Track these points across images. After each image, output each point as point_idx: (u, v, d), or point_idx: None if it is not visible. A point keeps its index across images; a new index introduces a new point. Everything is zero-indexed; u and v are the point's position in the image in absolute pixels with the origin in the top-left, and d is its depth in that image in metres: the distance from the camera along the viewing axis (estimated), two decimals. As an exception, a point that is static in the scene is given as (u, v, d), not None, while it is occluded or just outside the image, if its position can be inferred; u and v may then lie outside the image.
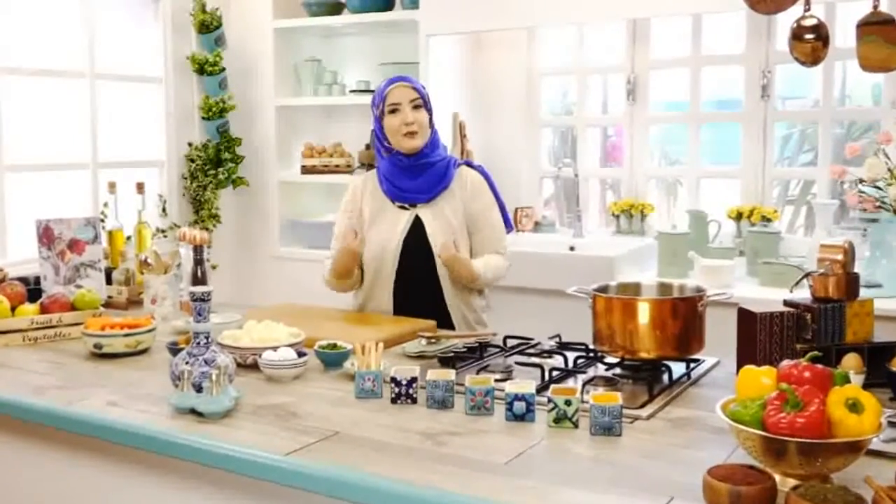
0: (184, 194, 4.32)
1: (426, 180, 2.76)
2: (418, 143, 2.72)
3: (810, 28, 2.14)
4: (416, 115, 2.71)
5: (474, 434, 1.72)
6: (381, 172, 2.83)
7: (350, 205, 2.89)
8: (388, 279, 2.77)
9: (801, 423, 1.36)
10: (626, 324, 2.06)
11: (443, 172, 2.77)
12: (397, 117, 2.70)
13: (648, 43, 4.07)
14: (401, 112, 2.70)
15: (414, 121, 2.70)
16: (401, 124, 2.70)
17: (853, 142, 3.72)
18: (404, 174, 2.76)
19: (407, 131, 2.70)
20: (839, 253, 2.00)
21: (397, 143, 2.74)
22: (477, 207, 2.78)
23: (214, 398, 1.83)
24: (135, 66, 4.17)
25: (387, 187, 2.80)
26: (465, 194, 2.78)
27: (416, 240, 2.74)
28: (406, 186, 2.77)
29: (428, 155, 2.76)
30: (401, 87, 2.73)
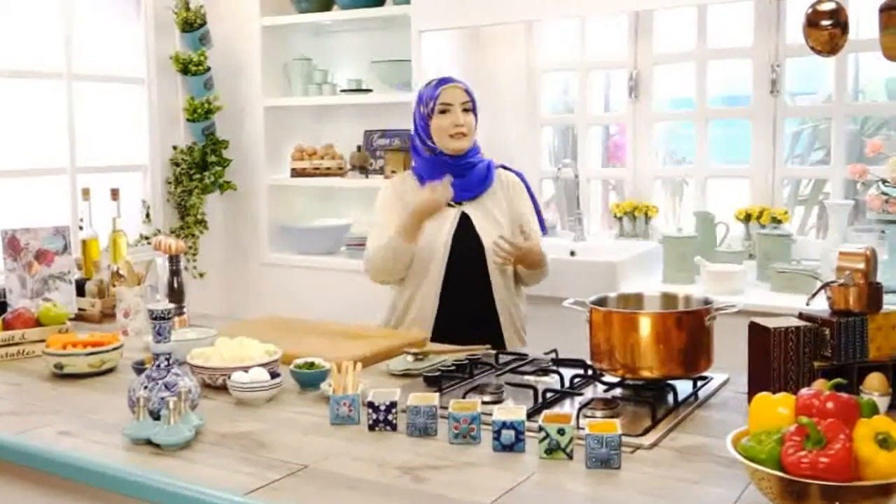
0: (168, 199, 4.16)
1: (470, 179, 2.73)
2: (465, 145, 2.71)
3: (828, 13, 1.97)
4: (466, 118, 2.70)
5: (458, 468, 1.55)
6: (421, 172, 2.77)
7: (392, 201, 2.76)
8: (436, 279, 2.68)
9: (824, 462, 1.19)
10: (627, 340, 1.89)
11: (485, 173, 2.77)
12: (447, 118, 2.68)
13: (652, 37, 3.89)
14: (451, 113, 2.68)
15: (464, 123, 2.68)
16: (451, 125, 2.68)
17: (870, 138, 3.53)
18: (448, 174, 2.69)
19: (456, 132, 2.68)
20: (860, 261, 1.82)
21: (443, 144, 2.70)
22: (518, 208, 2.78)
23: (172, 427, 1.67)
24: (115, 66, 4.02)
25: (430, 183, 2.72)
26: (507, 194, 2.78)
27: (464, 237, 2.68)
28: (453, 184, 2.69)
29: (470, 157, 2.74)
30: (454, 89, 2.71)
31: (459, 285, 2.68)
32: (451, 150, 2.69)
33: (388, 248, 2.64)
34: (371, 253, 2.71)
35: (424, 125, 2.72)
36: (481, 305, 2.68)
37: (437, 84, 2.72)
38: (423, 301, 2.69)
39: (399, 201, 2.73)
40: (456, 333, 2.49)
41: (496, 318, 2.69)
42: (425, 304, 2.69)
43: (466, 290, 2.68)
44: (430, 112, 2.69)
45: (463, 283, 2.67)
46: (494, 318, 2.69)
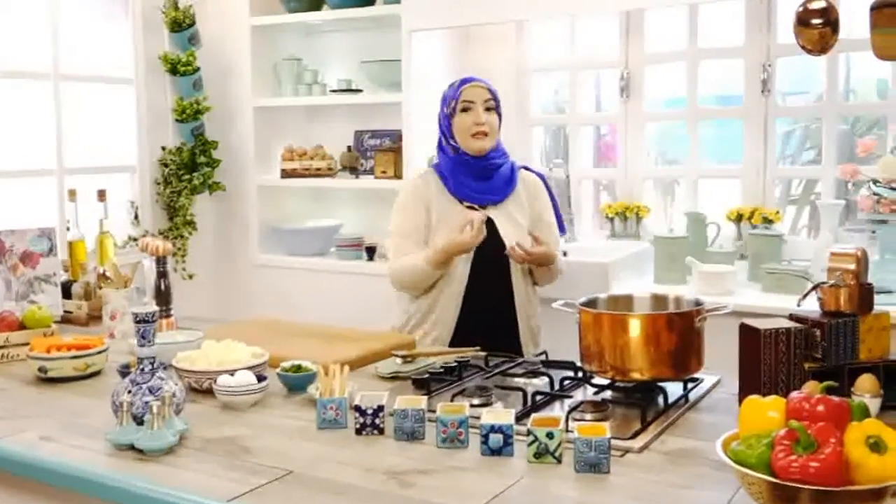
0: (157, 200, 4.12)
1: (496, 182, 2.71)
2: (487, 145, 2.67)
3: (818, 12, 1.96)
4: (488, 117, 2.67)
5: (446, 472, 1.53)
6: (444, 171, 2.74)
7: (414, 201, 2.73)
8: (460, 283, 2.65)
9: (815, 467, 1.17)
10: (617, 342, 1.88)
11: (509, 175, 2.75)
12: (469, 116, 2.66)
13: (643, 36, 3.87)
14: (473, 112, 2.66)
15: (485, 122, 2.66)
16: (472, 124, 2.65)
17: (861, 138, 3.53)
18: (472, 175, 2.69)
19: (477, 131, 2.65)
20: (851, 262, 1.80)
21: (465, 144, 2.67)
22: (538, 209, 2.77)
23: (156, 433, 1.65)
24: (103, 66, 3.98)
25: (454, 187, 2.70)
26: (528, 195, 2.77)
27: (488, 242, 2.61)
28: (476, 187, 2.70)
29: (494, 157, 2.72)
30: (476, 87, 2.69)
31: (482, 290, 2.66)
32: (473, 151, 2.67)
33: (416, 272, 2.63)
34: (398, 271, 2.69)
35: (448, 124, 2.70)
36: (502, 310, 2.67)
37: (459, 84, 2.71)
38: (446, 304, 2.67)
39: (420, 203, 2.70)
40: (476, 338, 2.44)
41: (515, 323, 2.69)
42: (448, 308, 2.67)
43: (488, 295, 2.66)
44: (452, 111, 2.68)
45: (485, 288, 2.66)
46: (514, 322, 2.68)
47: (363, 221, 4.27)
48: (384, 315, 3.71)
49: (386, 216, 4.06)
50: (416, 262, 2.62)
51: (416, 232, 2.69)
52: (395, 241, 2.73)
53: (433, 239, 2.66)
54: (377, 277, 3.85)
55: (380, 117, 4.14)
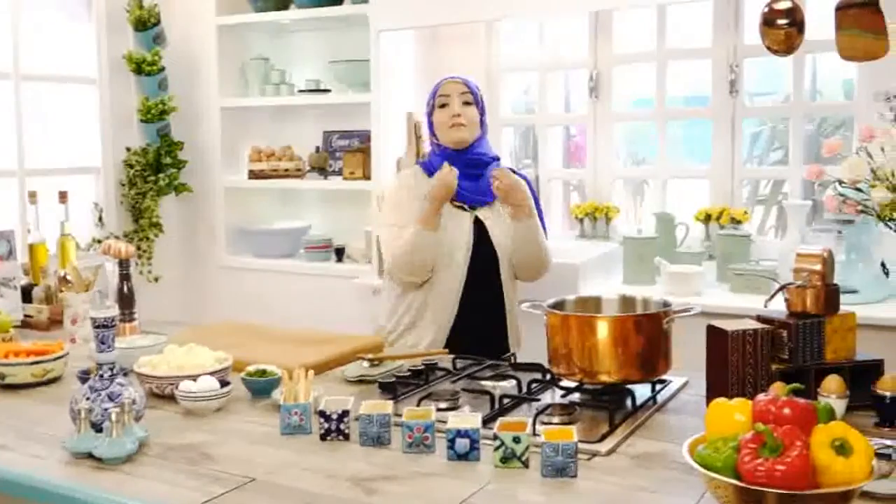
0: (122, 202, 4.06)
1: (486, 183, 2.69)
2: (464, 136, 2.69)
3: (784, 12, 1.95)
4: (465, 109, 2.70)
5: (411, 478, 1.51)
6: (434, 168, 2.71)
7: (407, 195, 2.70)
8: (457, 285, 2.65)
9: (781, 470, 1.16)
10: (585, 344, 1.86)
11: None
12: (446, 111, 2.70)
13: (611, 37, 3.87)
14: (449, 106, 2.69)
15: (461, 113, 2.68)
16: (448, 117, 2.69)
17: (828, 139, 3.55)
18: (461, 173, 2.65)
19: (453, 122, 2.68)
20: (817, 262, 1.80)
21: (444, 137, 2.71)
22: None
23: (115, 440, 1.61)
24: (66, 65, 3.91)
25: None
26: None
27: (481, 244, 2.67)
28: (466, 187, 2.68)
29: (478, 149, 2.73)
30: (452, 83, 2.74)
31: (476, 290, 2.66)
32: (451, 142, 2.69)
33: (412, 242, 2.59)
34: (396, 251, 2.64)
35: (430, 122, 2.76)
36: (495, 311, 2.69)
37: (438, 82, 2.76)
38: (442, 305, 2.65)
39: (413, 196, 2.68)
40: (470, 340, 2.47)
41: (505, 324, 2.71)
42: (444, 308, 2.66)
43: (482, 296, 2.67)
44: (431, 109, 2.73)
45: (479, 289, 2.66)
46: (504, 323, 2.71)
47: (332, 223, 4.24)
48: (353, 317, 3.69)
49: (355, 217, 4.08)
50: (411, 233, 2.59)
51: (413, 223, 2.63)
52: (391, 231, 2.68)
53: None
54: (346, 279, 3.83)
55: (349, 118, 4.11)
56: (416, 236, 2.59)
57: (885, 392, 1.68)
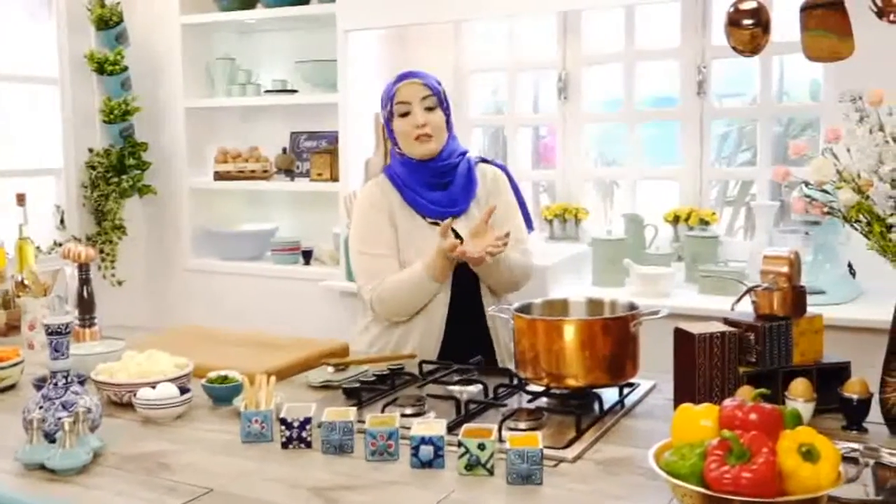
0: (84, 204, 3.99)
1: (457, 190, 2.43)
2: (433, 148, 2.39)
3: (749, 12, 1.94)
4: (429, 117, 2.38)
5: (374, 487, 1.48)
6: (398, 179, 2.45)
7: (376, 216, 2.43)
8: (441, 307, 2.38)
9: (747, 477, 1.14)
10: (551, 348, 1.84)
11: (467, 176, 2.45)
12: (408, 121, 2.38)
13: (580, 38, 3.86)
14: (411, 115, 2.37)
15: (426, 123, 2.36)
16: (412, 128, 2.37)
17: (795, 140, 3.56)
18: (426, 184, 2.41)
19: (418, 135, 2.37)
20: (784, 265, 1.79)
21: (409, 150, 2.40)
22: (498, 205, 2.41)
23: (68, 451, 1.56)
24: (26, 65, 3.83)
25: (413, 199, 2.42)
26: (486, 191, 2.48)
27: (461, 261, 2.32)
28: (437, 199, 2.41)
29: (446, 158, 2.42)
30: (410, 85, 2.39)
31: (460, 313, 2.40)
32: (419, 156, 2.40)
33: (416, 288, 2.33)
34: (390, 295, 2.35)
35: (390, 129, 2.45)
36: (478, 326, 2.42)
37: (394, 81, 2.43)
38: (429, 329, 2.39)
39: (383, 217, 2.42)
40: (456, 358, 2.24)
41: (490, 339, 2.44)
42: (431, 333, 2.39)
43: (466, 317, 2.40)
44: (389, 115, 2.42)
45: (463, 306, 2.40)
46: (488, 338, 2.44)
47: (299, 225, 4.20)
48: (321, 320, 3.65)
49: (322, 219, 4.03)
50: (414, 278, 2.32)
51: (387, 248, 2.40)
52: (367, 262, 2.42)
53: (405, 258, 2.40)
54: (314, 282, 3.79)
55: (316, 118, 4.07)
56: (421, 285, 2.32)
57: (852, 395, 1.67)
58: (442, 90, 2.44)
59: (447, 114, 2.44)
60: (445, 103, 2.43)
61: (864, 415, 1.68)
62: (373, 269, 2.40)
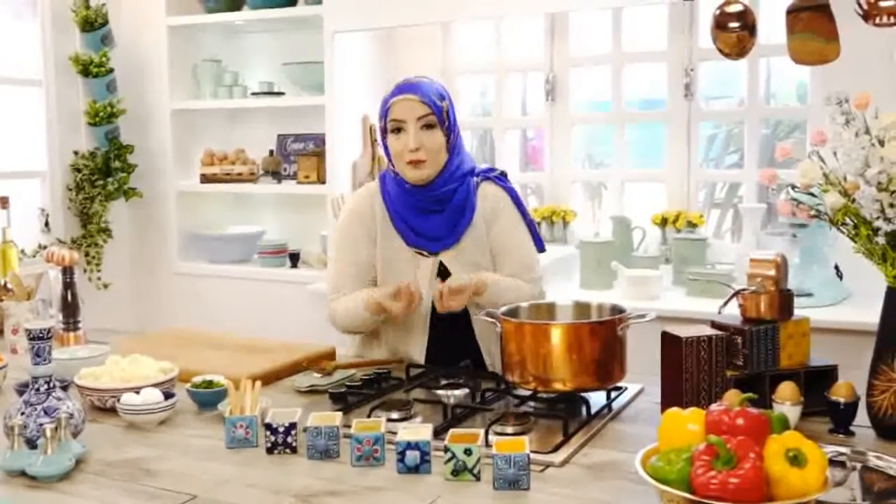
0: (69, 207, 3.96)
1: (447, 220, 2.22)
2: (424, 174, 2.17)
3: (735, 15, 1.94)
4: (425, 138, 2.15)
5: (359, 493, 1.46)
6: (390, 198, 2.27)
7: (353, 231, 2.31)
8: (419, 338, 2.27)
9: (734, 483, 1.13)
10: (539, 351, 1.83)
11: (463, 204, 2.23)
12: (400, 140, 2.16)
13: (568, 39, 3.86)
14: (405, 133, 2.16)
15: (419, 146, 2.14)
16: (404, 149, 2.16)
17: (781, 142, 3.57)
18: (418, 211, 2.23)
19: (410, 159, 2.16)
20: (771, 268, 1.79)
21: (401, 171, 2.20)
22: (498, 230, 2.25)
23: (50, 457, 1.54)
24: (10, 66, 3.80)
25: (399, 225, 2.26)
26: (486, 214, 2.26)
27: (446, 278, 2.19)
28: (424, 229, 2.23)
29: (441, 186, 2.21)
30: (406, 101, 2.15)
31: (442, 342, 2.26)
32: (410, 181, 2.20)
33: (356, 318, 2.23)
34: (338, 314, 2.28)
35: (384, 144, 2.24)
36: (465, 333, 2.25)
37: (390, 94, 2.20)
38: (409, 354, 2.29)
39: (364, 234, 2.30)
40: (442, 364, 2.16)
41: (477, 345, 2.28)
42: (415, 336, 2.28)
43: (450, 346, 2.23)
44: (384, 129, 2.22)
45: (446, 341, 2.25)
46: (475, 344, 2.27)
47: (286, 227, 4.18)
48: (308, 323, 3.63)
49: (310, 222, 4.02)
50: (356, 306, 2.22)
51: (358, 268, 2.29)
52: (335, 272, 2.34)
53: (381, 276, 2.29)
54: (301, 285, 3.77)
55: (303, 121, 4.05)
56: (357, 315, 2.22)
57: (839, 399, 1.67)
58: (443, 106, 2.19)
59: (449, 133, 2.21)
60: (448, 122, 2.20)
61: (851, 418, 1.68)
62: (338, 281, 2.32)
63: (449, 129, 2.20)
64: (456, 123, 2.25)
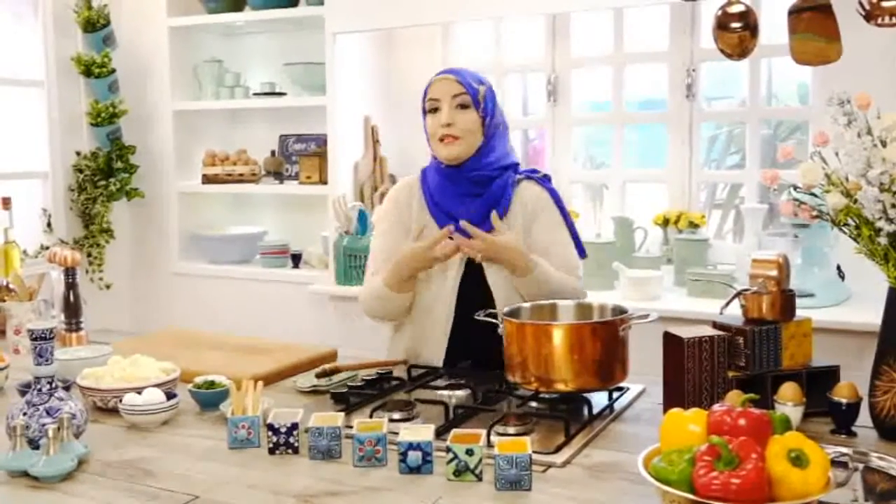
0: (71, 208, 3.96)
1: (483, 206, 2.20)
2: (455, 152, 2.18)
3: (737, 16, 1.94)
4: (458, 116, 2.17)
5: (361, 493, 1.46)
6: (430, 187, 2.29)
7: (390, 219, 2.32)
8: (441, 332, 2.23)
9: (736, 484, 1.13)
10: (540, 352, 1.83)
11: (499, 194, 2.22)
12: (435, 118, 2.20)
13: (569, 40, 3.86)
14: (440, 112, 2.19)
15: (451, 122, 2.17)
16: (437, 127, 2.19)
17: (783, 143, 3.57)
18: (454, 195, 2.23)
19: (442, 135, 2.18)
20: (773, 268, 1.79)
21: (435, 150, 2.23)
22: (539, 228, 2.23)
23: (52, 458, 1.54)
24: (12, 67, 3.80)
25: (434, 210, 2.26)
26: (526, 213, 2.23)
27: (472, 281, 2.20)
28: (459, 213, 2.19)
29: (477, 168, 2.21)
30: (443, 81, 2.21)
31: (467, 339, 2.20)
32: (442, 159, 2.21)
33: (377, 297, 2.23)
34: (363, 296, 2.29)
35: (425, 126, 2.28)
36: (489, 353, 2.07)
37: (431, 78, 2.27)
38: (429, 357, 2.26)
39: (399, 218, 2.31)
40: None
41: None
42: (433, 352, 2.25)
43: (475, 344, 2.13)
44: (424, 112, 2.25)
45: (470, 337, 2.18)
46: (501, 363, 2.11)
47: (288, 228, 4.18)
48: (310, 323, 3.64)
49: (311, 222, 4.02)
50: (378, 283, 2.22)
51: (389, 255, 2.26)
52: (370, 259, 2.35)
53: None
54: (302, 286, 3.77)
55: (305, 121, 4.05)
56: (380, 292, 2.22)
57: (841, 399, 1.67)
58: (480, 90, 2.21)
59: (485, 116, 2.21)
60: (484, 105, 2.21)
61: (853, 419, 1.68)
62: (372, 267, 2.32)
63: (485, 112, 2.21)
64: (496, 112, 2.26)
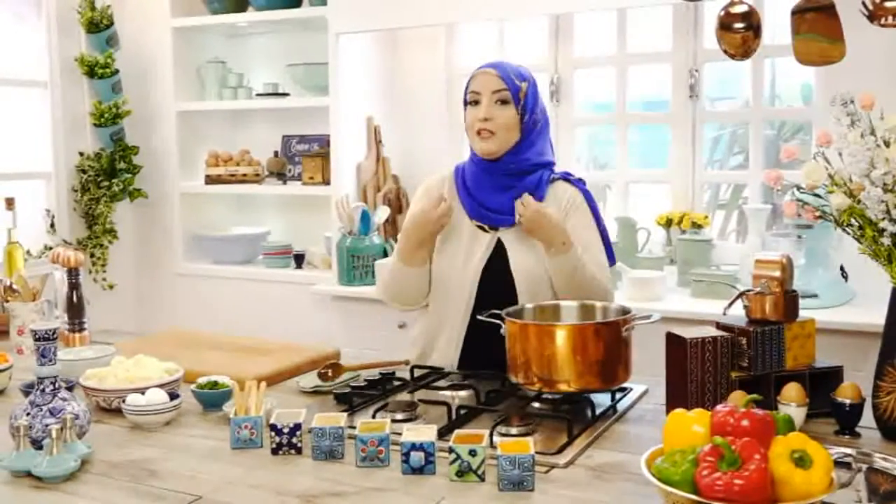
0: (75, 208, 3.97)
1: (514, 196, 2.20)
2: (490, 147, 2.20)
3: (740, 16, 1.94)
4: (496, 112, 2.18)
5: (363, 494, 1.46)
6: (464, 178, 2.31)
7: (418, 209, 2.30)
8: (460, 320, 2.22)
9: (739, 484, 1.13)
10: (543, 352, 1.83)
11: (532, 188, 2.21)
12: (473, 112, 2.21)
13: (572, 41, 3.86)
14: (479, 105, 2.20)
15: (489, 117, 2.17)
16: (474, 120, 2.20)
17: (786, 143, 3.56)
18: (487, 185, 2.24)
19: (479, 129, 2.19)
20: (776, 269, 1.79)
21: (472, 143, 2.25)
22: (571, 227, 2.20)
23: (55, 458, 1.54)
24: (15, 67, 3.81)
25: (465, 198, 2.28)
26: (559, 211, 2.22)
27: (496, 271, 2.19)
28: (489, 202, 2.22)
29: (512, 162, 2.22)
30: (484, 75, 2.21)
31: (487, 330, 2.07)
32: (478, 153, 2.23)
33: (392, 275, 2.28)
34: (381, 277, 2.34)
35: (465, 117, 2.28)
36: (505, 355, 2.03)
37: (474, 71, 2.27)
38: (447, 344, 2.26)
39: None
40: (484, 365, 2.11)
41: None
42: (448, 348, 2.25)
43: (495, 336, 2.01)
44: (465, 102, 2.26)
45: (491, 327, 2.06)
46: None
47: (291, 228, 4.19)
48: (313, 324, 3.64)
49: (314, 223, 4.02)
50: (390, 261, 2.26)
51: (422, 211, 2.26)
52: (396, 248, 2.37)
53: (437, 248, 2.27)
54: (305, 286, 3.77)
55: (308, 122, 4.06)
56: (394, 269, 2.27)
57: (844, 400, 1.67)
58: (521, 87, 2.21)
59: (524, 113, 2.21)
60: (524, 102, 2.21)
61: (856, 419, 1.68)
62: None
63: (524, 109, 2.21)
64: (537, 109, 2.25)
